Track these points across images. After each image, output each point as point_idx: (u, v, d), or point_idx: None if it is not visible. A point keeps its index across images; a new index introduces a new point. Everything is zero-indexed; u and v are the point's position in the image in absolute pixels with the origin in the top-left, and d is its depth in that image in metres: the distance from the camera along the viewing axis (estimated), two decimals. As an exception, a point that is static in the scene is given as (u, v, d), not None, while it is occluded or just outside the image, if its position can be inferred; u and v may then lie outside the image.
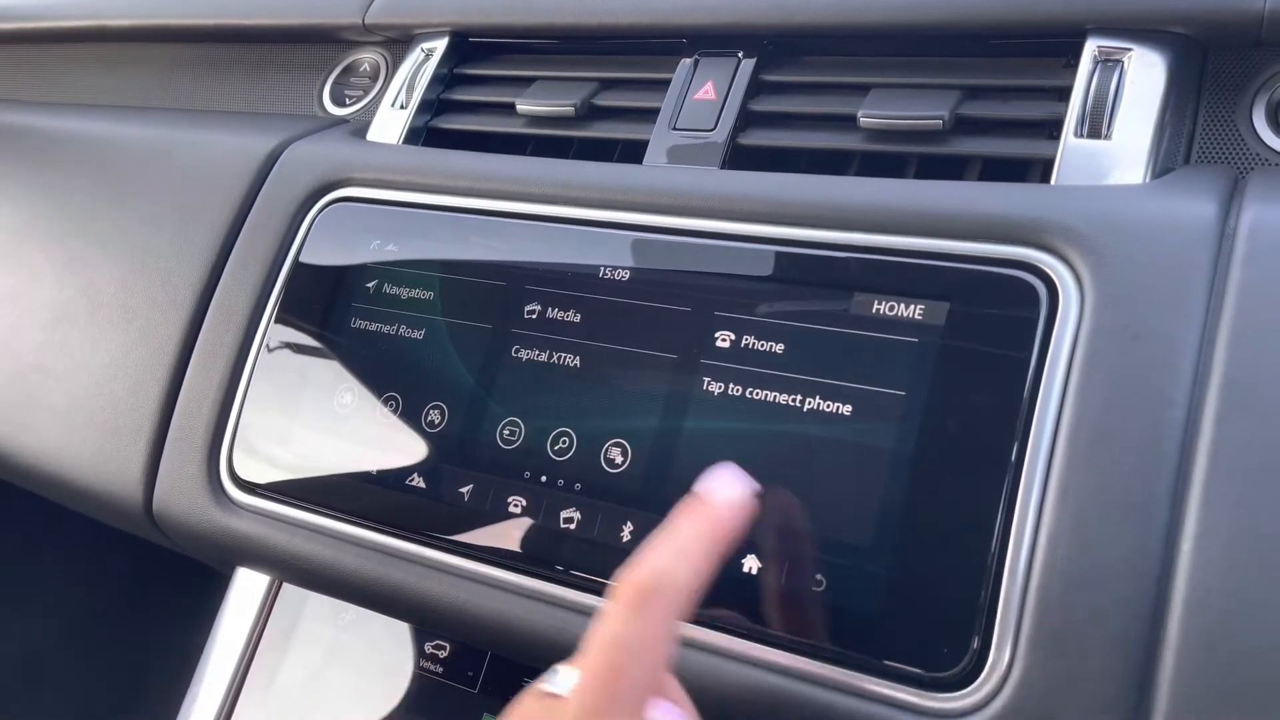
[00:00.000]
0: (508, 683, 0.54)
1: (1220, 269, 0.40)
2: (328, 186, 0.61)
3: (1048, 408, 0.40)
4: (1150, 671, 0.36)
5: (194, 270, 0.63)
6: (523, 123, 0.62)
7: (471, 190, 0.57)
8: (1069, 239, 0.42)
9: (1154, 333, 0.40)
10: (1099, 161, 0.47)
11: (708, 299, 0.48)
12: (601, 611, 0.35)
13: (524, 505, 0.49)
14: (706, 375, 0.46)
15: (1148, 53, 0.48)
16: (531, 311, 0.51)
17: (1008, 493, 0.40)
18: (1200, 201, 0.42)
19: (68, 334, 0.66)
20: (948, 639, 0.40)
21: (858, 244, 0.46)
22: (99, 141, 0.73)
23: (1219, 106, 0.50)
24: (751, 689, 0.43)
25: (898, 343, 0.43)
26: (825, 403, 0.44)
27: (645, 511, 0.46)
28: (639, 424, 0.47)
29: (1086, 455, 0.39)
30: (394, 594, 0.51)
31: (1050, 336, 0.41)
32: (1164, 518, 0.37)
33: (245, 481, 0.57)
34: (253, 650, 0.60)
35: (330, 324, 0.57)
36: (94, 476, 0.63)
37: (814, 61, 0.57)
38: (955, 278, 0.44)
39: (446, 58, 0.66)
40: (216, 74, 0.80)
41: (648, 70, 0.60)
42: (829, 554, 0.42)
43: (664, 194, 0.51)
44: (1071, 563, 0.38)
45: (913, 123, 0.51)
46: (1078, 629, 0.38)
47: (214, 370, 0.59)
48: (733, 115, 0.56)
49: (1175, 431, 0.38)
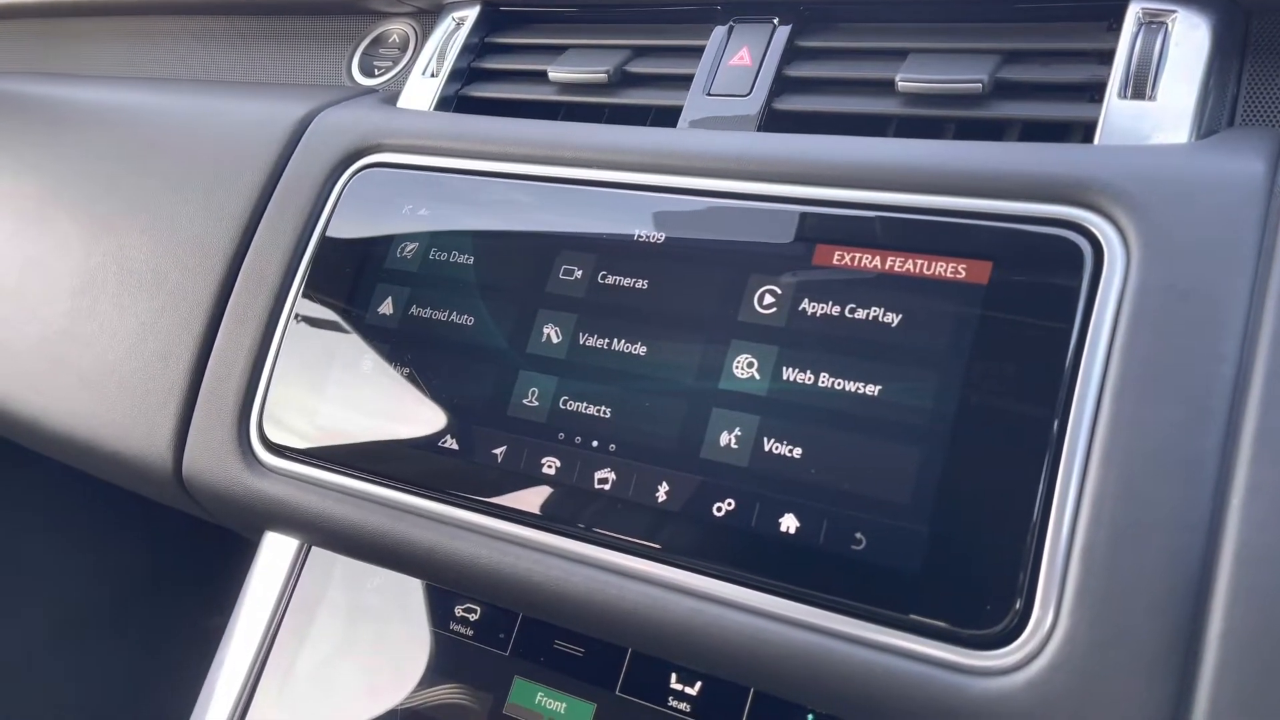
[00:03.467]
0: (539, 644, 0.53)
1: (1270, 227, 0.40)
2: (359, 153, 0.61)
3: (1093, 365, 0.40)
4: (1198, 630, 0.36)
5: (224, 236, 0.63)
6: (555, 90, 0.62)
7: (505, 154, 0.57)
8: (1114, 197, 0.42)
9: (1202, 290, 0.39)
10: (1143, 123, 0.46)
11: (746, 261, 0.48)
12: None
13: (558, 466, 0.48)
14: (745, 336, 0.46)
15: (1192, 15, 0.48)
16: (565, 274, 0.51)
17: (1052, 450, 0.39)
18: (1247, 160, 0.42)
19: (96, 300, 0.66)
20: (991, 597, 0.39)
21: (900, 204, 0.46)
22: (129, 110, 0.73)
23: (1263, 69, 0.49)
24: (789, 648, 0.42)
25: (942, 302, 0.43)
26: (868, 362, 0.44)
27: (681, 472, 0.46)
28: (676, 384, 0.47)
29: (1133, 412, 0.39)
30: (425, 556, 0.51)
31: (1095, 295, 0.41)
32: (1213, 473, 0.37)
33: (275, 445, 0.57)
34: (281, 616, 0.60)
35: (361, 289, 0.57)
36: (123, 442, 0.63)
37: (850, 27, 0.56)
38: (999, 237, 0.43)
39: (478, 26, 0.66)
40: (247, 46, 0.80)
41: (682, 37, 0.60)
42: (870, 513, 0.42)
43: (701, 156, 0.51)
44: (1117, 520, 0.38)
45: (952, 86, 0.50)
46: (1123, 587, 0.37)
47: (244, 335, 0.59)
48: (768, 81, 0.55)
49: (1225, 387, 0.38)
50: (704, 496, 0.45)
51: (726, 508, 0.45)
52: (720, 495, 0.45)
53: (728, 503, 0.45)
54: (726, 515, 0.44)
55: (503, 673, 0.54)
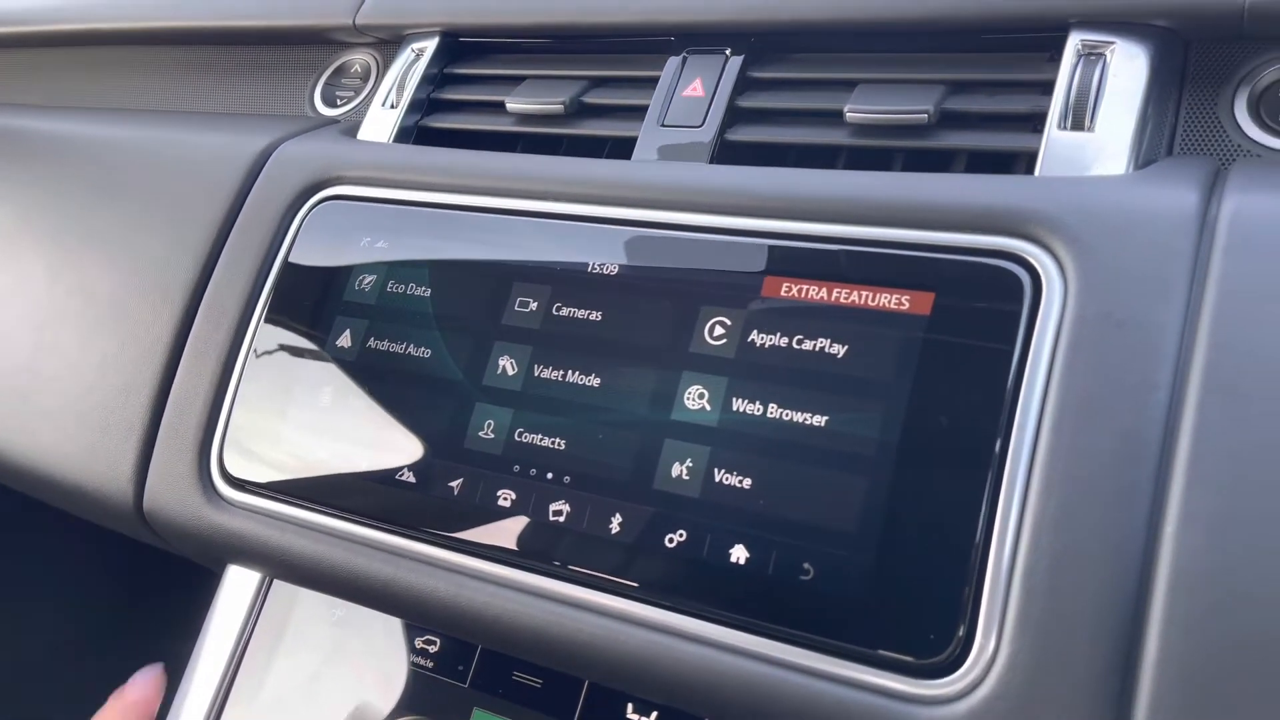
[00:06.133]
0: (498, 675, 0.54)
1: (1202, 257, 0.40)
2: (318, 185, 0.62)
3: (1032, 395, 0.41)
4: (1134, 655, 0.37)
5: (185, 269, 0.63)
6: (512, 121, 0.62)
7: (462, 187, 0.57)
8: (1052, 228, 0.43)
9: (1137, 320, 0.40)
10: (1082, 153, 0.47)
11: (697, 293, 0.48)
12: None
13: (513, 499, 0.49)
14: (696, 367, 0.47)
15: (1130, 46, 0.49)
16: (521, 306, 0.52)
17: (993, 479, 0.40)
18: (1182, 191, 0.43)
19: (59, 334, 0.66)
20: (934, 626, 0.40)
21: (844, 236, 0.47)
22: (90, 143, 0.73)
23: (1201, 99, 0.50)
24: (741, 679, 0.43)
25: (884, 333, 0.44)
26: (814, 393, 0.44)
27: (633, 503, 0.46)
28: (630, 416, 0.47)
29: (1070, 442, 0.39)
30: (384, 589, 0.51)
31: (1034, 325, 0.42)
32: (1147, 502, 0.38)
33: (236, 478, 0.57)
34: (244, 648, 0.60)
35: (321, 322, 0.57)
36: (85, 476, 0.63)
37: (800, 58, 0.57)
38: (940, 268, 0.44)
39: (437, 57, 0.67)
40: (209, 76, 0.80)
41: (636, 68, 0.60)
42: (817, 543, 0.42)
43: (652, 188, 0.52)
44: (1055, 548, 0.38)
45: (898, 117, 0.51)
46: (1062, 614, 0.38)
47: (205, 368, 0.59)
48: (720, 112, 0.56)
49: (1158, 416, 0.38)
50: (656, 528, 0.45)
51: (678, 539, 0.45)
52: (672, 526, 0.45)
53: (679, 534, 0.45)
54: (678, 546, 0.45)
55: (462, 703, 0.54)
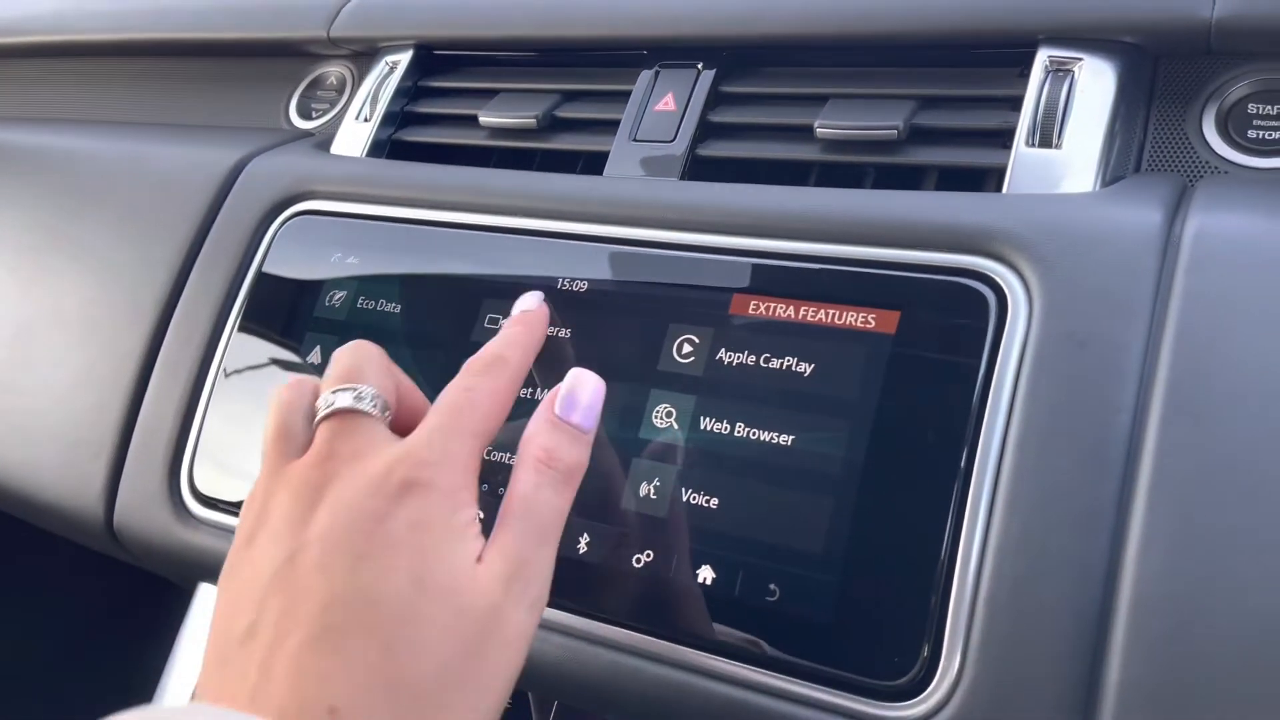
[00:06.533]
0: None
1: (1165, 276, 0.40)
2: (290, 199, 0.61)
3: (997, 415, 0.41)
4: (1097, 675, 0.36)
5: (157, 284, 0.63)
6: (485, 135, 0.62)
7: (433, 202, 0.57)
8: (1017, 247, 0.43)
9: (1100, 339, 0.40)
10: (1049, 170, 0.47)
11: (666, 310, 0.48)
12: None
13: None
14: (664, 385, 0.47)
15: (1098, 62, 0.49)
16: (490, 323, 0.51)
17: (957, 500, 0.40)
18: (1146, 209, 0.43)
19: (30, 350, 0.66)
20: (898, 648, 0.40)
21: (812, 254, 0.46)
22: (63, 156, 0.73)
23: (1169, 115, 0.50)
24: (706, 700, 0.42)
25: (850, 351, 0.44)
26: (781, 412, 0.44)
27: (599, 523, 0.46)
28: (598, 435, 0.47)
29: (1034, 462, 0.39)
30: (353, 608, 0.51)
31: (999, 344, 0.42)
32: (1110, 523, 0.38)
33: (206, 496, 0.56)
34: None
35: (292, 337, 0.57)
36: (55, 492, 0.62)
37: (772, 72, 0.57)
38: (907, 287, 0.44)
39: (410, 70, 0.66)
40: (185, 88, 0.80)
41: (609, 82, 0.60)
42: (782, 564, 0.42)
43: (622, 205, 0.52)
44: (1019, 570, 0.38)
45: (868, 133, 0.51)
46: (1025, 635, 0.38)
47: (175, 385, 0.59)
48: (692, 126, 0.56)
49: (1121, 437, 0.38)
50: (624, 548, 0.45)
51: (646, 559, 0.45)
52: (640, 546, 0.45)
53: (647, 554, 0.45)
54: (645, 566, 0.45)
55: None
